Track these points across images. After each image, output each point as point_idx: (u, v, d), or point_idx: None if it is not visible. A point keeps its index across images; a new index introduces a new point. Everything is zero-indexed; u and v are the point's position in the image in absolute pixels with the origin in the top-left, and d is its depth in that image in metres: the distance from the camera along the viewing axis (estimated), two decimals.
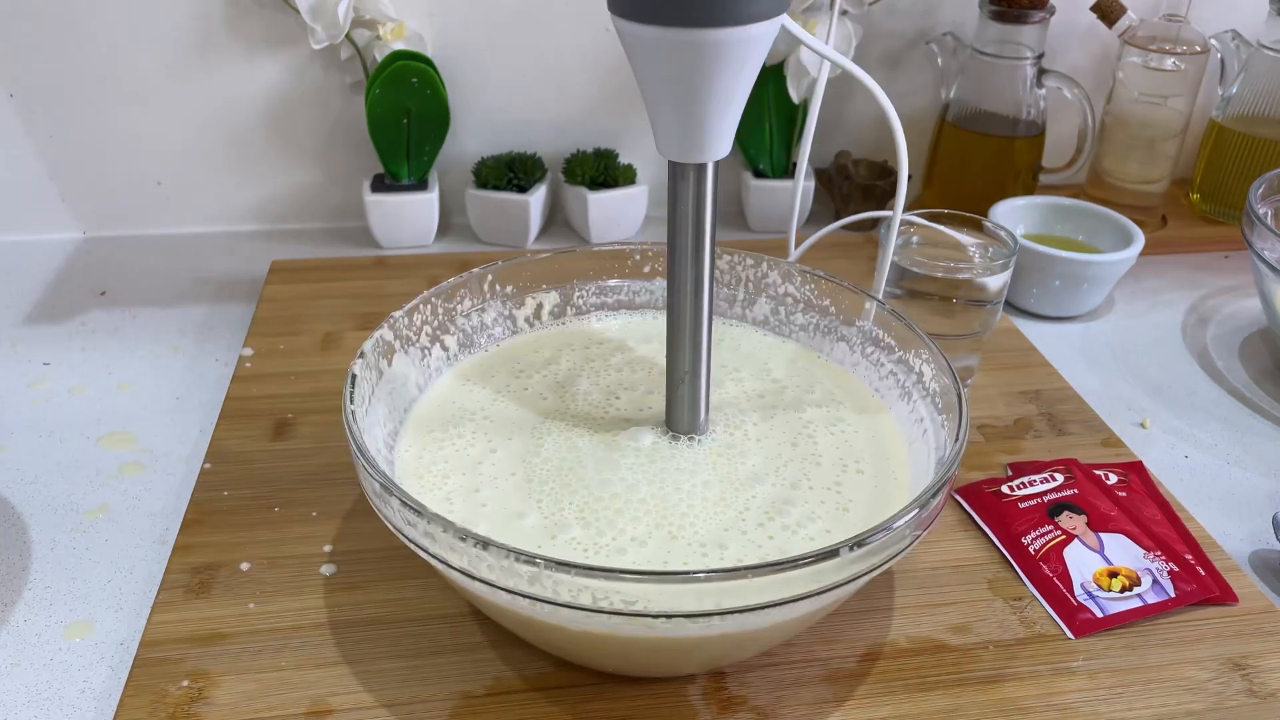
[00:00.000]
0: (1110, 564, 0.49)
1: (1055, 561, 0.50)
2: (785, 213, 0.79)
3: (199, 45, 0.74)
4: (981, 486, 0.55)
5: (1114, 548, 0.50)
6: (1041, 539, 0.51)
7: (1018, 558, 0.50)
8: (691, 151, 0.40)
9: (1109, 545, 0.50)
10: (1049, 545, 0.50)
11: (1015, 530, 0.51)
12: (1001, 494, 0.54)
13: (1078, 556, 0.50)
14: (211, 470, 0.55)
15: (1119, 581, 0.49)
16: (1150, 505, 0.54)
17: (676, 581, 0.34)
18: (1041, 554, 0.50)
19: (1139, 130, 0.81)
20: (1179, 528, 0.53)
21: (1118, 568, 0.49)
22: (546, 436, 0.47)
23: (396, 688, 0.43)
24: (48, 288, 0.74)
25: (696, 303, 0.43)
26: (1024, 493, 0.54)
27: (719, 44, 0.36)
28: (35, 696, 0.43)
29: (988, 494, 0.54)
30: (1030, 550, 0.50)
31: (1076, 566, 0.49)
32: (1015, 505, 0.53)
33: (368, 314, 0.69)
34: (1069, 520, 0.52)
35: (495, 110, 0.80)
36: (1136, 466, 0.57)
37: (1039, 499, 0.53)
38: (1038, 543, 0.50)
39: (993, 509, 0.53)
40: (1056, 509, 0.52)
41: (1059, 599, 0.48)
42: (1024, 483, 0.54)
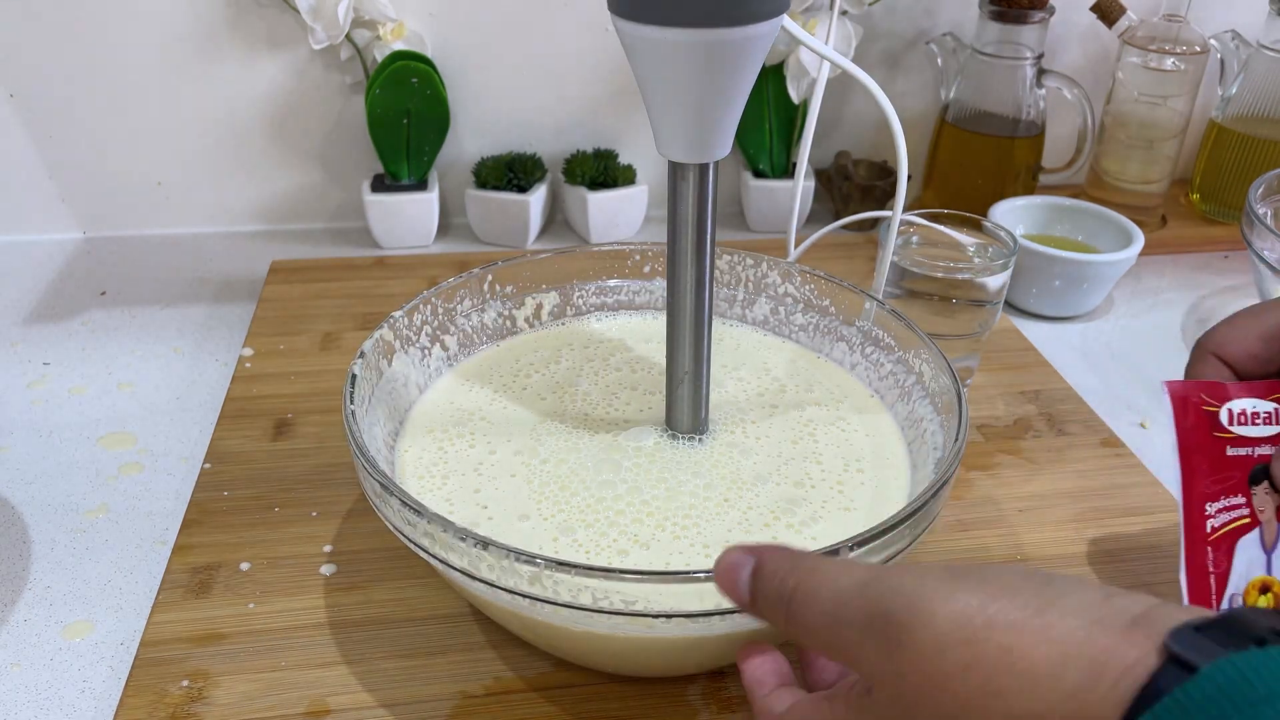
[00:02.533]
0: (1272, 572, 0.38)
1: (1223, 554, 0.39)
2: (785, 213, 0.79)
3: (199, 45, 0.74)
4: (1199, 396, 0.41)
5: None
6: (1227, 514, 0.39)
7: (1190, 529, 0.39)
8: (691, 151, 0.40)
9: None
10: (1229, 527, 0.39)
11: (1202, 489, 0.39)
12: (1217, 423, 0.40)
13: (1247, 552, 0.39)
14: (211, 470, 0.55)
15: (1266, 601, 0.38)
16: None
17: (676, 581, 0.34)
18: (1215, 537, 0.39)
19: (1139, 130, 0.81)
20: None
21: (1274, 580, 0.38)
22: (547, 437, 0.47)
23: (396, 688, 0.43)
24: (48, 288, 0.74)
25: (697, 302, 0.43)
26: (1243, 431, 0.40)
27: (719, 44, 0.36)
28: (35, 696, 0.43)
29: (1203, 413, 0.40)
30: (1207, 528, 0.38)
31: (1239, 570, 0.39)
32: (1223, 448, 0.39)
33: (368, 314, 0.69)
34: (1264, 498, 0.39)
35: (495, 110, 0.80)
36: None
37: (1252, 449, 0.40)
38: (1221, 519, 0.39)
39: (1198, 442, 0.40)
40: (1260, 474, 0.40)
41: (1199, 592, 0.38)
42: (1248, 413, 0.40)
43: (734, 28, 0.35)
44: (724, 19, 0.35)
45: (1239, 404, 0.40)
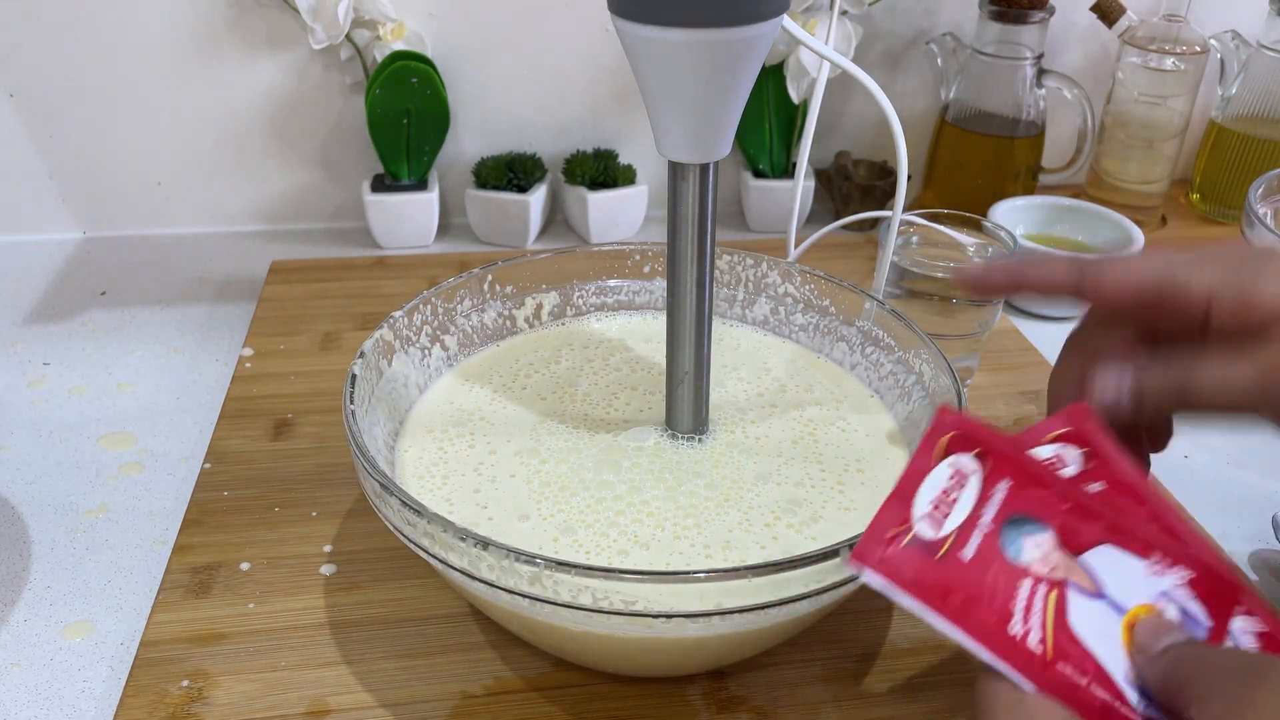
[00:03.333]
0: (1123, 610, 0.31)
1: (1076, 655, 0.30)
2: (785, 213, 0.79)
3: (199, 45, 0.74)
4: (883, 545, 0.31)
5: (1110, 574, 0.32)
6: (1031, 615, 0.30)
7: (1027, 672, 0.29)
8: (692, 151, 0.40)
9: (1102, 570, 0.32)
10: (1049, 624, 0.30)
11: (987, 614, 0.30)
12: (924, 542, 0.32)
13: (1088, 621, 0.30)
14: (211, 470, 0.55)
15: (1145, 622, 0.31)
16: None
17: (677, 582, 0.34)
18: (1053, 648, 0.30)
19: (1139, 130, 0.81)
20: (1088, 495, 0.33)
21: (1134, 612, 0.31)
22: (546, 437, 0.47)
23: (396, 688, 0.43)
24: (48, 288, 0.74)
25: (697, 302, 0.43)
26: (951, 524, 0.32)
27: (719, 44, 0.36)
28: (35, 697, 0.43)
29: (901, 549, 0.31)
30: (1032, 646, 0.30)
31: (1101, 645, 0.30)
32: (957, 560, 0.31)
33: (367, 314, 0.69)
34: (1039, 553, 0.32)
35: (495, 110, 0.80)
36: None
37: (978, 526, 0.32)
38: (1033, 627, 0.30)
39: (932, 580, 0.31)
40: (1011, 535, 0.33)
41: None
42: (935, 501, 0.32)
43: (734, 28, 0.35)
44: (724, 19, 0.35)
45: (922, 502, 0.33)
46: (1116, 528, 0.33)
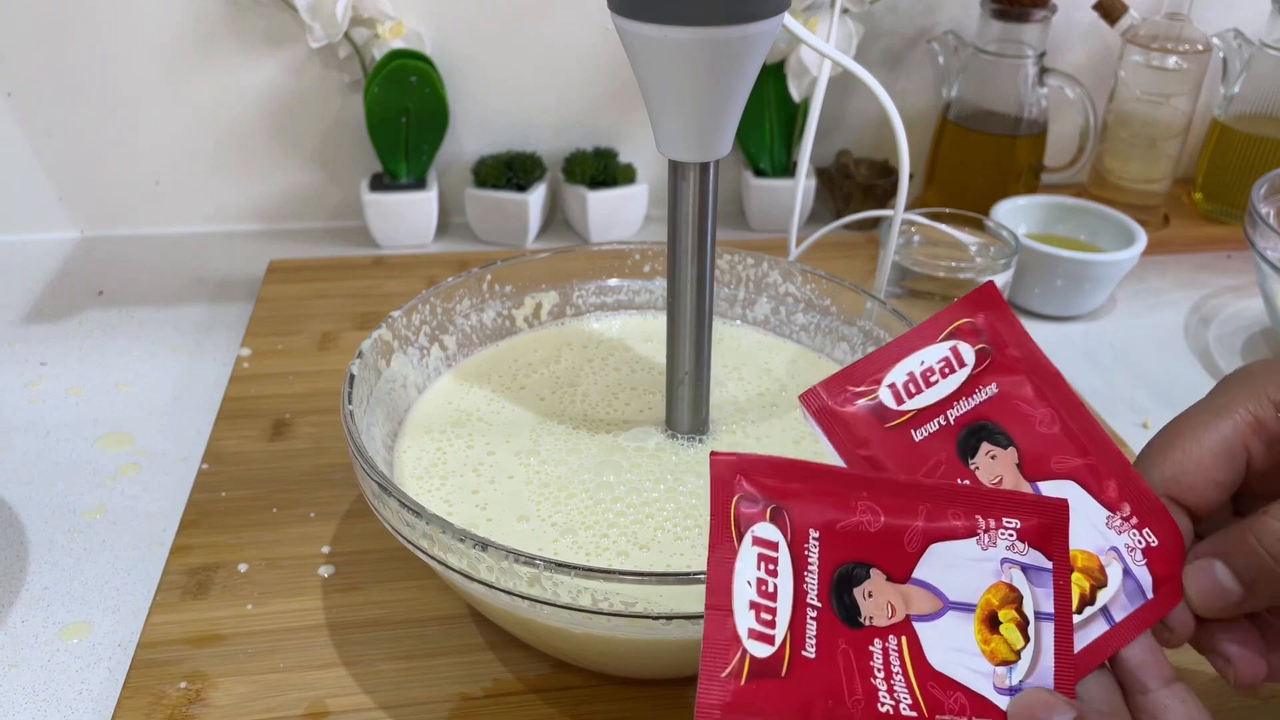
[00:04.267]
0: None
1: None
2: (786, 212, 0.79)
3: (197, 44, 0.74)
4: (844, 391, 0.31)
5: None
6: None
7: None
8: (692, 150, 0.39)
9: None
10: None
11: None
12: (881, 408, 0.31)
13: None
14: (209, 471, 0.54)
15: (1076, 587, 0.30)
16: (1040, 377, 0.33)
17: (677, 583, 0.34)
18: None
19: (1141, 129, 0.81)
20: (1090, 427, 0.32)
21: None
22: (546, 437, 0.47)
23: (395, 689, 0.43)
24: (45, 287, 0.74)
25: (697, 302, 0.43)
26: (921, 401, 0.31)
27: (720, 42, 0.36)
28: (33, 698, 0.43)
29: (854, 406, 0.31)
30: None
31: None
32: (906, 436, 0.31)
33: (366, 314, 0.69)
34: (991, 464, 0.31)
35: (494, 109, 0.80)
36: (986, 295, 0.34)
37: (942, 416, 0.31)
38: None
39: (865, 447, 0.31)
40: (971, 439, 0.31)
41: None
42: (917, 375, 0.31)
43: (735, 26, 0.35)
44: (725, 17, 0.35)
45: (899, 372, 0.31)
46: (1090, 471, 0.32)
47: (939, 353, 0.32)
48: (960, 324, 0.33)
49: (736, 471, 0.29)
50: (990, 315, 0.34)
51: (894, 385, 0.31)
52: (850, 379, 0.32)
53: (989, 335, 0.33)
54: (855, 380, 0.32)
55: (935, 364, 0.32)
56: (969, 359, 0.32)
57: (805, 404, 0.31)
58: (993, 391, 0.32)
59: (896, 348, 0.32)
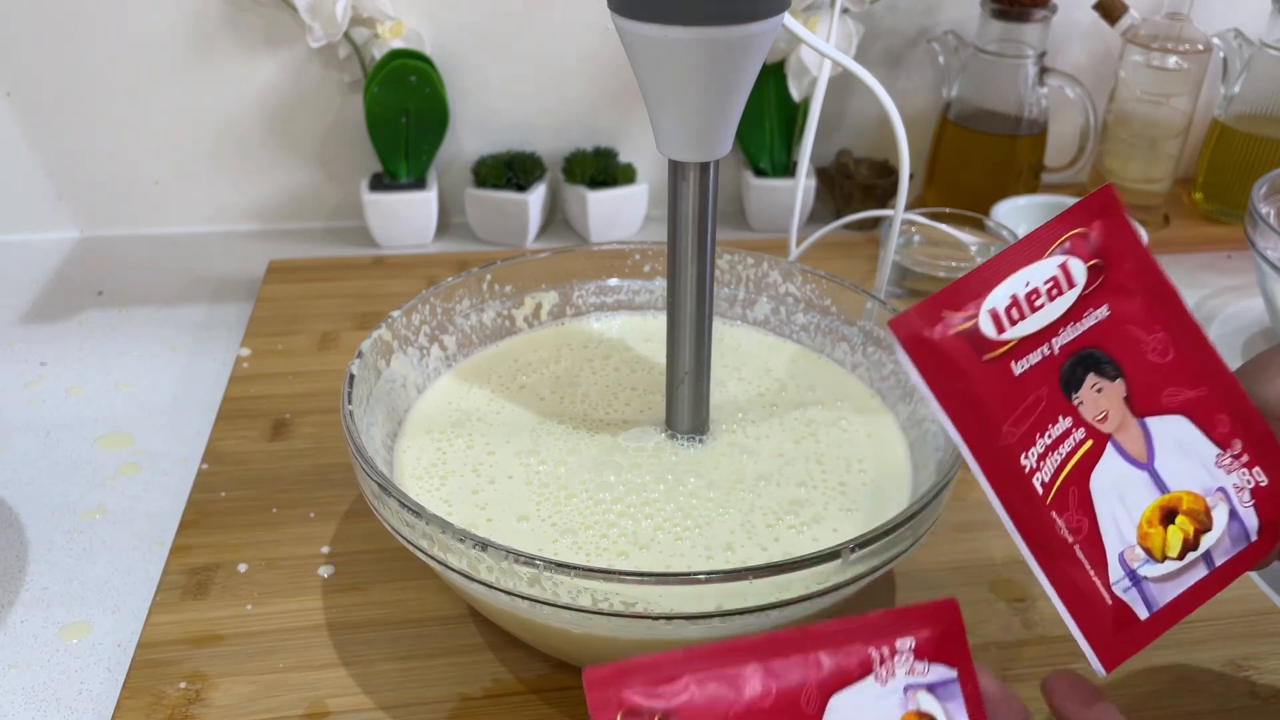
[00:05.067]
0: (1165, 489, 0.28)
1: (1076, 508, 0.28)
2: (786, 212, 0.79)
3: (196, 44, 0.74)
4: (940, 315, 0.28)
5: (1168, 449, 0.28)
6: (1055, 453, 0.28)
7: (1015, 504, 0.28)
8: (692, 150, 0.39)
9: (1162, 443, 0.28)
10: (1067, 468, 0.28)
11: (1003, 443, 0.28)
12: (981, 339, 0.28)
13: (1113, 484, 0.28)
14: (209, 471, 0.54)
15: (1177, 533, 0.28)
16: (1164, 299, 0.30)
17: (677, 583, 0.34)
18: (1055, 494, 0.28)
19: (1141, 129, 0.81)
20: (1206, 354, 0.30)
21: (1176, 497, 0.28)
22: (546, 437, 0.47)
23: (394, 689, 0.43)
24: (45, 288, 0.74)
25: (697, 302, 0.43)
26: (1022, 329, 0.29)
27: (720, 42, 0.36)
28: (33, 698, 0.43)
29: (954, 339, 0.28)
30: (1035, 487, 0.28)
31: (1111, 512, 0.28)
32: (1006, 370, 0.28)
33: (366, 314, 0.69)
34: (1096, 398, 0.29)
35: (494, 109, 0.80)
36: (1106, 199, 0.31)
37: (1047, 344, 0.29)
38: (1049, 464, 0.28)
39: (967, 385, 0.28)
40: (1077, 369, 0.29)
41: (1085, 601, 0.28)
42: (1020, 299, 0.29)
43: (735, 26, 0.35)
44: (725, 17, 0.35)
45: (1001, 295, 0.28)
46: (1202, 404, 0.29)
47: (1046, 271, 0.29)
48: (1071, 235, 0.29)
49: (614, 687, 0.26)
50: (1106, 224, 0.30)
51: (995, 311, 0.28)
52: (947, 302, 0.28)
53: (1102, 248, 0.30)
54: (954, 303, 0.28)
55: (1041, 285, 0.29)
56: (1079, 278, 0.29)
57: (895, 331, 0.28)
58: (1103, 315, 0.29)
59: (999, 264, 0.29)
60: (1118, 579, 0.28)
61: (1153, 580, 0.28)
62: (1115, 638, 0.28)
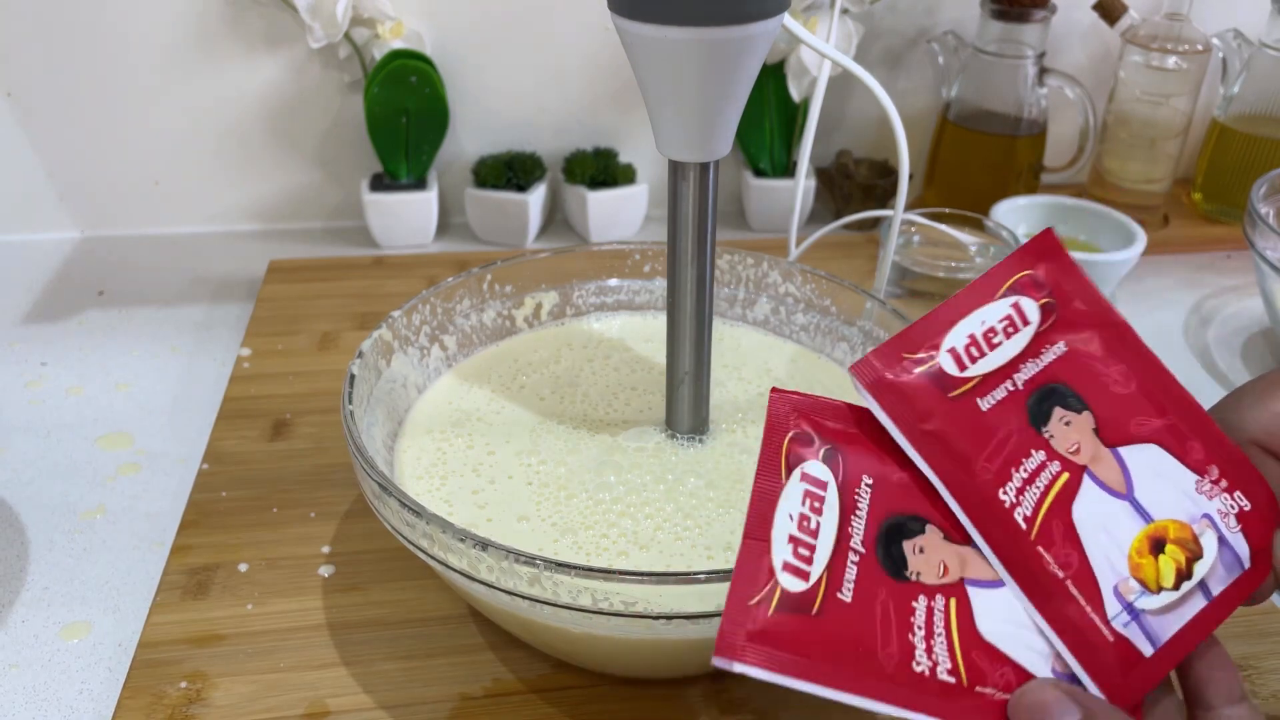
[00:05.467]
0: (1149, 519, 0.28)
1: (1062, 541, 0.27)
2: (786, 212, 0.79)
3: (197, 44, 0.74)
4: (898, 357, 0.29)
5: (1146, 478, 0.28)
6: (1032, 487, 0.28)
7: (1000, 542, 0.27)
8: (692, 150, 0.39)
9: (1138, 472, 0.28)
10: (1047, 501, 0.28)
11: (979, 480, 0.28)
12: (944, 378, 0.29)
13: (1096, 517, 0.28)
14: (209, 471, 0.54)
15: (1169, 563, 0.28)
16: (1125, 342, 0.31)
17: (677, 583, 0.34)
18: (1039, 528, 0.27)
19: (1141, 129, 0.81)
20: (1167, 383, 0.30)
21: (1161, 526, 0.28)
22: (546, 437, 0.47)
23: (395, 689, 0.43)
24: (45, 288, 0.74)
25: (697, 302, 0.43)
26: (984, 366, 0.29)
27: (719, 43, 0.36)
28: (33, 698, 0.43)
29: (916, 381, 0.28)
30: (1019, 521, 0.27)
31: (1099, 545, 0.27)
32: (973, 407, 0.28)
33: (366, 314, 0.69)
34: (1066, 431, 0.29)
35: (494, 109, 0.80)
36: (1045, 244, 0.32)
37: (1009, 381, 0.29)
38: (1028, 498, 0.28)
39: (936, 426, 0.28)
40: (1043, 404, 0.29)
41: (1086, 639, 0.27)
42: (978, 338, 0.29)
43: (735, 26, 0.35)
44: (725, 17, 0.35)
45: (959, 334, 0.28)
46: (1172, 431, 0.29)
47: (1000, 311, 0.29)
48: (1020, 277, 0.30)
49: (796, 411, 0.28)
50: (1051, 266, 0.31)
51: (954, 350, 0.28)
52: (905, 345, 0.29)
53: (1051, 288, 0.30)
54: (911, 346, 0.29)
55: (997, 324, 0.29)
56: (1033, 316, 0.29)
57: (858, 376, 0.28)
58: (1061, 350, 0.29)
59: (952, 308, 0.29)
60: (1115, 613, 0.27)
61: (1151, 613, 0.27)
62: (1124, 679, 0.27)
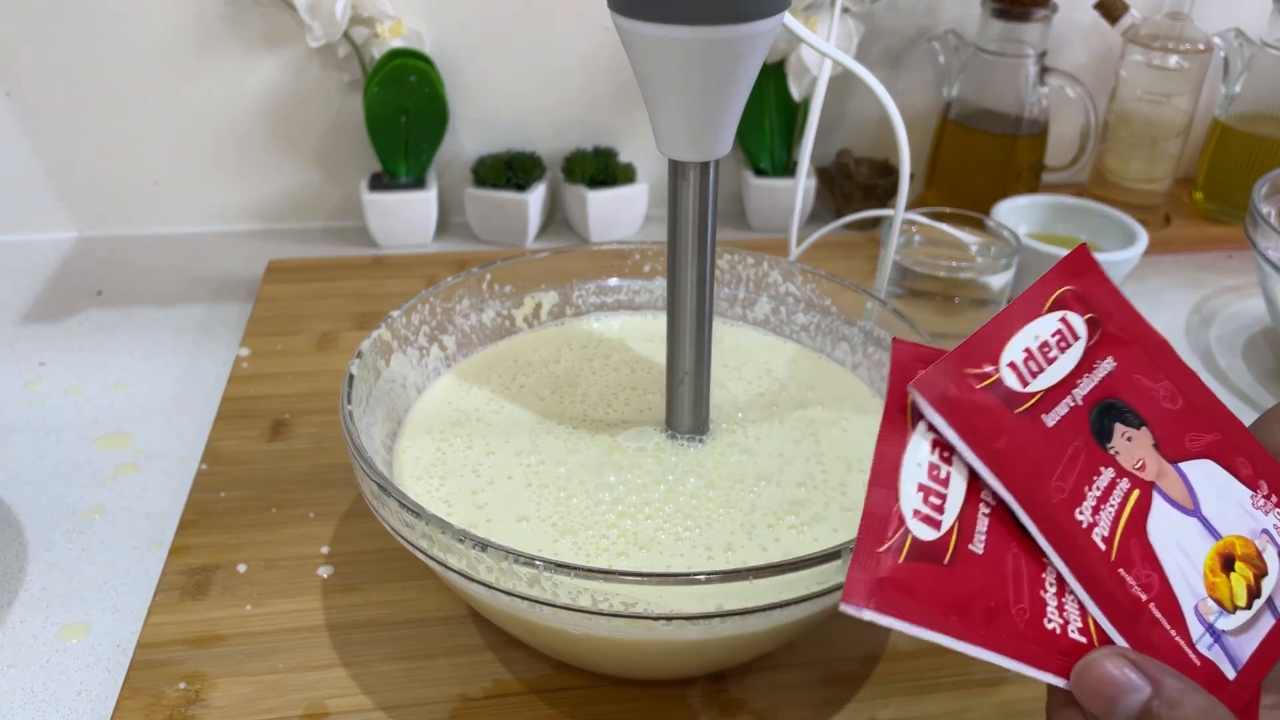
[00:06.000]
0: (1218, 535, 0.27)
1: (1140, 561, 0.26)
2: (786, 212, 0.79)
3: (196, 43, 0.74)
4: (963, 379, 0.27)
5: (1208, 493, 0.27)
6: (1107, 506, 0.26)
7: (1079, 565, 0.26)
8: (692, 150, 0.39)
9: (1201, 487, 0.27)
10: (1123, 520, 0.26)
11: (1054, 499, 0.26)
12: (1009, 394, 0.27)
13: (1170, 535, 0.26)
14: (208, 471, 0.54)
15: (1240, 580, 0.27)
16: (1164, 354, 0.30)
17: (677, 584, 0.34)
18: (1117, 547, 0.26)
19: (1142, 129, 0.81)
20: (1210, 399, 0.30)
21: (1229, 542, 0.27)
22: (546, 437, 0.47)
23: (394, 690, 0.43)
24: (44, 288, 0.74)
25: (698, 302, 0.43)
26: (1044, 382, 0.28)
27: (720, 42, 0.35)
28: (31, 699, 0.43)
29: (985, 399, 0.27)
30: (1097, 543, 0.26)
31: (1176, 565, 0.26)
32: (1038, 423, 0.27)
33: (365, 314, 0.69)
34: (1129, 446, 0.28)
35: (494, 109, 0.80)
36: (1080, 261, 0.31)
37: (1069, 395, 0.28)
38: (1104, 517, 0.26)
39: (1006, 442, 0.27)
40: (1104, 420, 0.28)
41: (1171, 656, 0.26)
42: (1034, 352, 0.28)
43: (735, 25, 0.35)
44: (725, 16, 0.35)
45: (1015, 349, 0.28)
46: (1222, 447, 0.28)
47: (1050, 325, 0.29)
48: (1062, 293, 0.30)
49: (919, 359, 0.27)
50: (1088, 281, 0.30)
51: (1014, 364, 0.27)
52: (964, 360, 0.27)
53: (1092, 304, 0.30)
54: (970, 361, 0.27)
55: (1050, 338, 0.28)
56: (1081, 331, 0.29)
57: (922, 392, 0.26)
58: (1111, 366, 0.29)
59: (1003, 323, 0.28)
60: (1199, 636, 0.26)
61: (1230, 634, 0.26)
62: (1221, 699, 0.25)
